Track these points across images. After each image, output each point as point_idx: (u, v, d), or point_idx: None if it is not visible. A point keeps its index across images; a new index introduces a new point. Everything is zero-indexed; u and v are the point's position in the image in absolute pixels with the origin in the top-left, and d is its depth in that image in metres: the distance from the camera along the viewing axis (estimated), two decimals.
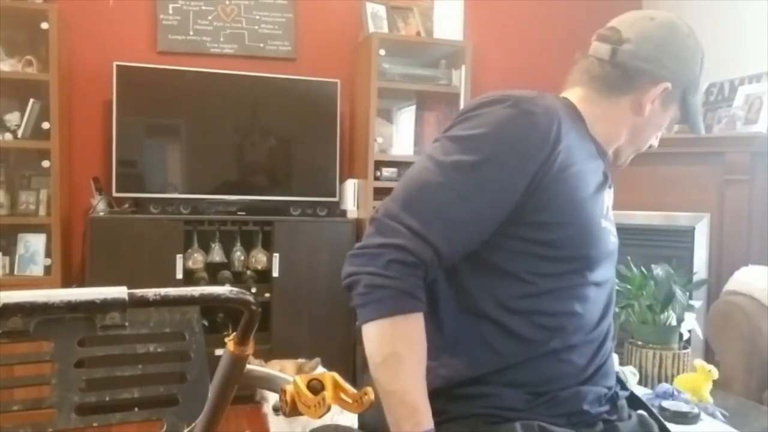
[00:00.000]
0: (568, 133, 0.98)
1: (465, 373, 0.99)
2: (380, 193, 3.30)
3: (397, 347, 0.90)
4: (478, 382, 0.99)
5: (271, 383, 0.95)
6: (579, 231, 0.98)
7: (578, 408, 1.01)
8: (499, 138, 0.94)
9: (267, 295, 3.17)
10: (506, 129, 0.95)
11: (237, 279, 3.20)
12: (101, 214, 3.04)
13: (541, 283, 0.98)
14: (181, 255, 3.03)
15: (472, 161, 0.93)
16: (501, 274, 0.98)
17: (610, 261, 1.08)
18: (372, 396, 0.72)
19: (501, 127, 0.95)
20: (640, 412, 1.16)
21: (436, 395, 0.95)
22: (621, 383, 1.16)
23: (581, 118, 1.09)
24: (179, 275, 3.03)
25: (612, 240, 1.08)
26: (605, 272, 1.06)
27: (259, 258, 3.23)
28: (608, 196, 1.10)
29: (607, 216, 1.07)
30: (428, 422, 0.90)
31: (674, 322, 2.15)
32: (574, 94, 1.12)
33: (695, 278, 2.74)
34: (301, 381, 0.70)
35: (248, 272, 3.24)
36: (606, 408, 1.06)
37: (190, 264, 3.10)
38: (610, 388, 1.09)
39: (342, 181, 3.51)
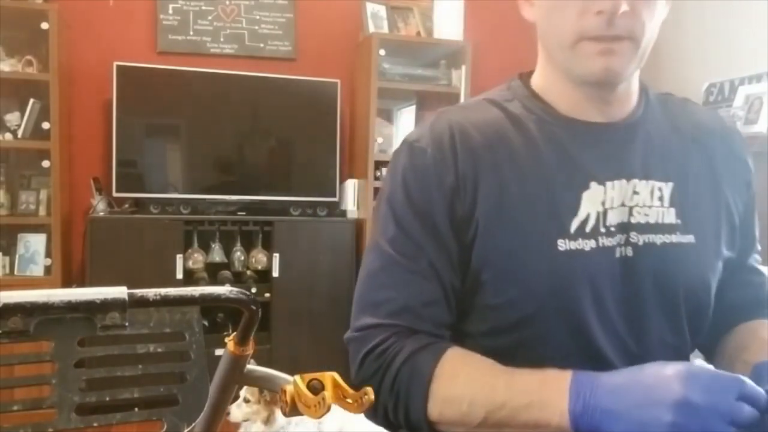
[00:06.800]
0: (478, 142, 0.86)
1: None
2: None
3: (453, 390, 0.77)
4: None
5: (271, 383, 0.95)
6: (500, 271, 0.81)
7: None
8: (401, 198, 0.86)
9: (267, 295, 3.17)
10: (400, 180, 0.88)
11: (237, 279, 3.20)
12: (101, 214, 3.04)
13: None
14: (181, 255, 3.03)
15: (391, 235, 0.85)
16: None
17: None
18: (372, 396, 0.71)
19: (397, 184, 0.88)
20: None
21: None
22: None
23: (536, 107, 0.89)
24: (179, 275, 3.04)
25: (598, 262, 0.80)
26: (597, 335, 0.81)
27: (259, 258, 3.23)
28: (598, 192, 0.83)
29: (591, 232, 0.80)
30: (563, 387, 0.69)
31: None
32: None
33: None
34: (301, 381, 0.70)
35: (248, 272, 3.24)
36: None
37: (190, 264, 3.10)
38: None
39: (342, 181, 3.51)
